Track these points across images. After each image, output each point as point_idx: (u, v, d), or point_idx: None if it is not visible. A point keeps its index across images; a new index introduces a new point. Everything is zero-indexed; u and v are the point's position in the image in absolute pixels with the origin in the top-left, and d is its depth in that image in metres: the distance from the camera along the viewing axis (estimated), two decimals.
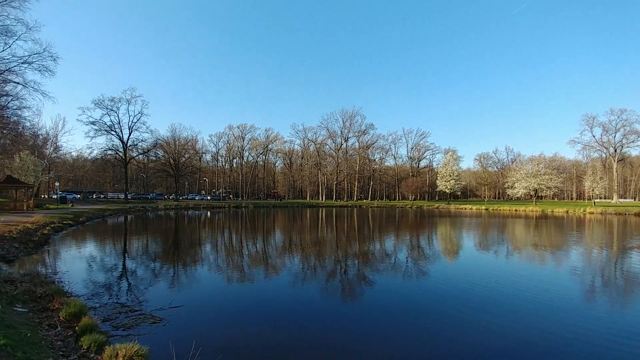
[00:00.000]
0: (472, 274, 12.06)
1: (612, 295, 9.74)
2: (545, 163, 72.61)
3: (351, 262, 14.43)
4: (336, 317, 7.60)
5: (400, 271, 12.68)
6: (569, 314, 7.70)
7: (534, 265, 14.33)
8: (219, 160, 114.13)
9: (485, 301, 8.72)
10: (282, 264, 13.66)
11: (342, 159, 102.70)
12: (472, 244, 21.41)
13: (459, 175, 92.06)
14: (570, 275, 12.08)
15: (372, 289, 10.18)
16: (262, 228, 29.81)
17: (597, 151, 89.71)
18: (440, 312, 7.95)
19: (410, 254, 16.86)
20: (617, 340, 6.28)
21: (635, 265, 13.82)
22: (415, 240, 22.31)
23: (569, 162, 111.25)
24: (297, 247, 18.64)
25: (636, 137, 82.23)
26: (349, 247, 18.77)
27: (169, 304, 7.88)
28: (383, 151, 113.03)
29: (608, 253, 17.10)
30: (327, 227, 31.54)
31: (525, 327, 6.96)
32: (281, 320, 7.27)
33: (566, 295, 9.26)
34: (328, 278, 11.44)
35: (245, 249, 18.16)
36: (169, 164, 76.70)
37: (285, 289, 9.84)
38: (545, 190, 70.44)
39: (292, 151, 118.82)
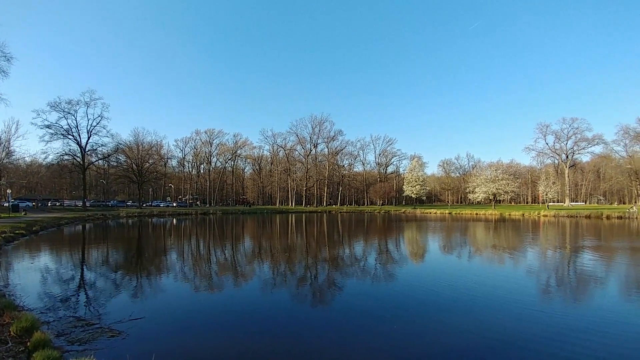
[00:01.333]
0: (437, 276, 12.45)
1: (565, 292, 10.39)
2: (503, 169, 76.66)
3: (321, 267, 14.42)
4: (307, 323, 7.57)
5: (369, 275, 12.83)
6: (528, 310, 8.14)
7: (495, 266, 15.04)
8: (185, 166, 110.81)
9: (450, 302, 9.04)
10: (251, 272, 13.42)
11: (312, 165, 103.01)
12: (438, 247, 22.11)
13: (424, 180, 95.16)
14: (528, 275, 12.81)
15: (342, 293, 10.23)
16: (231, 235, 29.18)
17: (550, 157, 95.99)
18: (408, 313, 8.15)
19: (378, 258, 17.11)
20: (571, 333, 6.75)
21: (587, 264, 14.91)
22: (383, 244, 22.69)
23: (524, 168, 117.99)
24: (267, 254, 18.39)
25: (586, 144, 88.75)
26: (319, 253, 18.76)
27: (129, 316, 7.51)
28: (352, 157, 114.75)
29: (562, 253, 18.24)
30: (297, 233, 31.39)
31: (489, 324, 7.30)
32: (250, 329, 7.12)
33: (524, 293, 9.82)
34: (298, 284, 11.36)
35: (213, 256, 17.66)
36: (131, 169, 73.28)
37: (255, 297, 9.65)
38: (503, 195, 74.33)
39: (262, 157, 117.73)
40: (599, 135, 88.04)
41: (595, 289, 10.57)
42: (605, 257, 16.68)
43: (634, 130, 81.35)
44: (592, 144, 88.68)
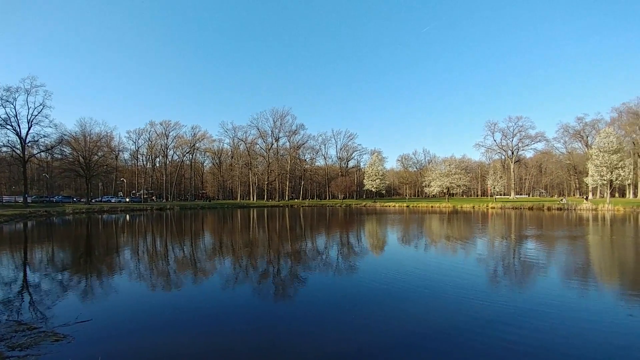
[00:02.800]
0: (395, 266, 12.88)
1: (511, 279, 11.23)
2: (456, 164, 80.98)
3: (284, 261, 14.41)
4: (270, 318, 7.54)
5: (331, 268, 13.02)
6: (476, 296, 8.69)
7: (447, 255, 15.87)
8: (139, 159, 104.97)
9: (407, 291, 9.44)
10: (211, 268, 13.09)
11: (273, 159, 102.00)
12: (396, 239, 22.90)
13: (384, 175, 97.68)
14: (477, 263, 13.70)
15: (305, 286, 10.31)
16: (190, 231, 28.24)
17: (498, 153, 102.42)
18: (366, 303, 8.42)
19: (340, 251, 17.41)
20: (516, 316, 7.32)
21: (529, 252, 16.22)
22: (345, 237, 23.09)
23: (475, 163, 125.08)
24: (228, 250, 18.03)
25: (530, 141, 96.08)
26: (282, 247, 18.72)
27: (75, 319, 7.08)
28: (313, 151, 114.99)
29: (507, 242, 19.63)
30: (259, 227, 31.06)
31: (444, 310, 7.75)
32: (210, 327, 6.98)
33: (475, 280, 10.49)
34: (261, 279, 11.27)
35: (170, 254, 17.01)
36: (78, 162, 67.97)
37: (215, 294, 9.45)
38: (456, 188, 78.52)
39: (222, 150, 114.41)
40: (541, 133, 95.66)
41: (537, 275, 11.51)
42: (546, 245, 18.21)
43: (573, 129, 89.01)
44: (535, 141, 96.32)
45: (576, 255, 15.33)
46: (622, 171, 55.34)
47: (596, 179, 57.71)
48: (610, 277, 11.23)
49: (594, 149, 59.60)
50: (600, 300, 8.55)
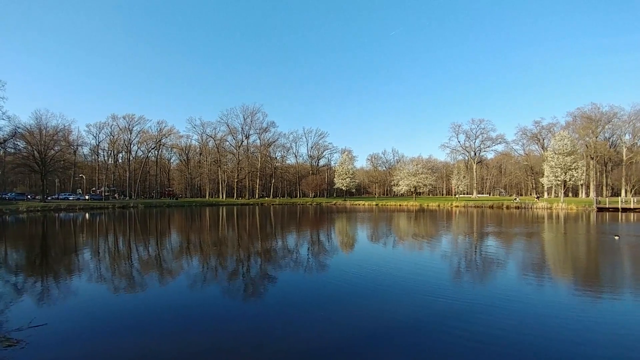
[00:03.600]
0: (364, 264, 13.10)
1: (473, 274, 11.77)
2: (423, 164, 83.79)
3: (254, 260, 14.29)
4: (239, 317, 7.46)
5: (301, 266, 13.06)
6: (440, 291, 9.07)
7: (415, 252, 16.38)
8: (100, 155, 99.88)
9: (376, 288, 9.68)
10: (178, 268, 12.72)
11: (244, 156, 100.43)
12: (365, 236, 23.33)
13: (354, 173, 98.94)
14: (442, 259, 14.24)
15: (275, 284, 10.29)
16: (155, 230, 27.27)
17: (462, 154, 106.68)
18: (337, 301, 8.54)
19: (311, 249, 17.49)
20: (478, 310, 7.70)
21: (490, 248, 17.09)
22: (315, 235, 23.20)
23: (440, 163, 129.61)
24: (196, 249, 17.60)
25: (491, 143, 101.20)
26: (252, 246, 18.53)
27: (29, 323, 6.68)
28: (284, 149, 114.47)
29: (470, 239, 20.53)
30: (228, 226, 30.53)
31: (411, 305, 8.01)
32: (177, 328, 6.79)
33: (439, 276, 10.94)
34: (230, 278, 11.12)
35: (134, 253, 16.35)
36: (32, 157, 63.65)
37: (182, 294, 9.20)
38: (423, 187, 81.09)
39: (189, 147, 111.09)
40: (502, 136, 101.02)
41: (497, 271, 12.15)
42: (505, 242, 19.21)
43: (531, 132, 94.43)
44: (496, 143, 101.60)
45: (532, 252, 16.29)
46: (575, 172, 59.41)
47: (551, 180, 61.63)
48: (563, 272, 12.03)
49: (550, 151, 63.66)
50: (555, 294, 9.18)
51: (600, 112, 79.98)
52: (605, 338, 6.15)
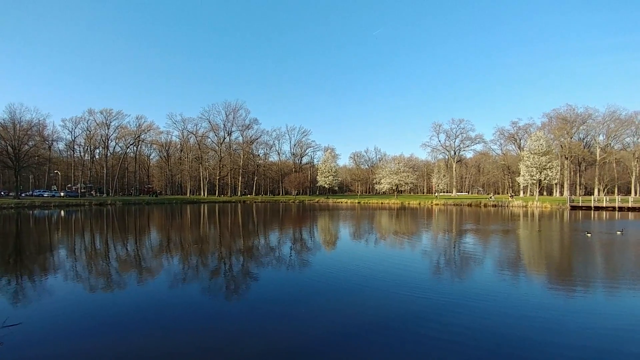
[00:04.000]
0: (346, 261, 13.29)
1: (451, 270, 12.13)
2: (404, 162, 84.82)
3: (235, 258, 14.22)
4: (220, 316, 7.46)
5: (284, 263, 13.09)
6: (419, 288, 9.33)
7: (396, 249, 16.70)
8: (76, 150, 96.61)
9: (358, 285, 9.82)
10: (158, 266, 12.54)
11: (226, 153, 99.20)
12: (348, 234, 23.54)
13: (337, 171, 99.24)
14: (422, 256, 14.61)
15: (257, 283, 10.29)
16: (134, 227, 26.68)
17: (442, 153, 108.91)
18: (318, 298, 8.65)
19: (293, 247, 17.54)
20: (456, 305, 7.97)
21: (468, 245, 17.61)
22: (298, 233, 23.25)
23: (421, 162, 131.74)
24: (176, 247, 17.35)
25: (470, 143, 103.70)
26: (233, 243, 18.41)
27: (2, 323, 6.48)
28: (267, 147, 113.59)
29: (449, 236, 21.04)
30: (210, 223, 30.19)
31: (391, 302, 8.20)
32: (156, 328, 6.72)
33: (420, 272, 11.24)
34: (211, 277, 11.04)
35: (111, 252, 15.96)
36: (6, 152, 60.94)
37: (162, 293, 9.09)
38: (404, 186, 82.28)
39: (170, 143, 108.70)
40: (480, 135, 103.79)
41: (474, 267, 12.53)
42: (482, 239, 19.80)
43: (508, 132, 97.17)
44: (475, 142, 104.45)
45: (508, 249, 16.86)
46: (550, 172, 61.57)
47: (527, 179, 63.67)
48: (537, 268, 12.51)
49: (526, 151, 65.73)
50: (530, 289, 9.57)
51: (576, 114, 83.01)
52: (577, 329, 6.48)
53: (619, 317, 7.07)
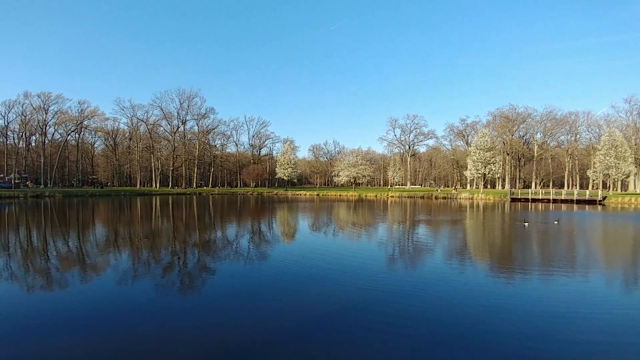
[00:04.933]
0: (303, 253, 13.38)
1: (405, 258, 12.70)
2: (362, 155, 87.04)
3: (191, 252, 13.79)
4: (174, 313, 7.19)
5: (241, 256, 12.94)
6: (375, 275, 9.69)
7: (353, 240, 17.14)
8: (9, 137, 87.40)
9: (315, 276, 9.95)
10: (104, 263, 11.78)
11: (180, 143, 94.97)
12: (307, 226, 23.73)
13: (296, 163, 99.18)
14: (379, 245, 15.17)
15: (214, 276, 10.10)
16: (77, 222, 24.84)
17: (397, 147, 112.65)
18: (275, 290, 8.63)
19: (251, 239, 17.35)
20: (409, 290, 8.36)
21: (420, 234, 18.53)
22: (256, 225, 23.02)
23: (378, 155, 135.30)
24: (124, 242, 16.40)
25: (423, 138, 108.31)
26: (188, 237, 17.82)
27: None
28: (224, 137, 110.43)
29: (404, 226, 21.95)
30: (162, 216, 28.92)
31: (351, 291, 8.41)
32: (104, 328, 6.32)
33: (375, 262, 11.65)
34: (164, 272, 10.60)
35: (52, 248, 14.73)
36: None
37: (109, 292, 8.54)
38: (362, 178, 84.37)
39: (117, 131, 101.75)
40: (432, 131, 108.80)
41: (425, 256, 13.23)
42: (433, 229, 20.91)
43: (457, 128, 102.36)
44: (428, 137, 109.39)
45: (456, 238, 17.99)
46: (493, 166, 66.18)
47: (473, 173, 68.05)
48: (481, 255, 13.48)
49: (473, 146, 70.06)
50: (475, 275, 10.29)
51: (517, 113, 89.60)
52: (519, 314, 7.05)
53: (554, 302, 7.73)
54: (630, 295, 8.78)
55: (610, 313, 7.10)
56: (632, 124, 74.26)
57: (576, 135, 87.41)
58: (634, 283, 9.74)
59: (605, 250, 15.20)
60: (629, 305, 7.85)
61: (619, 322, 6.62)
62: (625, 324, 6.58)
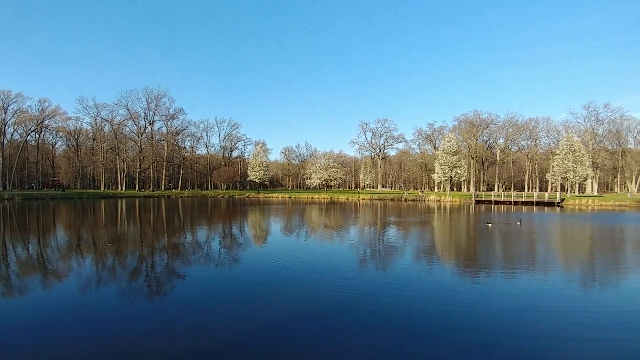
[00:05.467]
0: (275, 256, 13.50)
1: (375, 259, 13.16)
2: (334, 158, 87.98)
3: (159, 257, 13.57)
4: (141, 318, 7.12)
5: (212, 260, 12.92)
6: (345, 275, 10.03)
7: (326, 242, 17.49)
8: None
9: (287, 279, 10.13)
10: (67, 269, 11.36)
11: (147, 144, 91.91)
12: (279, 228, 23.87)
13: (268, 166, 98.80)
14: (349, 247, 15.59)
15: (183, 281, 10.02)
16: (37, 226, 23.66)
17: (369, 150, 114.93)
18: (246, 294, 8.72)
19: (222, 243, 17.30)
20: (379, 289, 8.74)
21: (390, 236, 19.22)
22: (227, 228, 22.88)
23: (350, 158, 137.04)
24: (88, 246, 15.84)
25: (393, 141, 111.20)
26: (156, 241, 17.49)
27: None
28: (194, 139, 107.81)
29: (375, 228, 22.60)
30: (129, 220, 28.07)
31: (323, 292, 8.66)
32: (63, 335, 6.19)
33: (347, 263, 12.03)
34: (131, 278, 10.40)
35: (10, 254, 14.00)
36: None
37: (72, 299, 8.32)
38: (333, 181, 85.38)
39: (80, 131, 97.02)
40: (402, 135, 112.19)
41: (396, 256, 13.84)
42: (402, 230, 21.66)
43: (425, 133, 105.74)
44: (397, 141, 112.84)
45: (424, 239, 18.77)
46: (459, 170, 69.06)
47: (440, 176, 70.85)
48: (448, 255, 14.22)
49: (440, 150, 72.80)
50: (442, 275, 10.90)
51: (481, 118, 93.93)
52: (483, 309, 7.58)
53: (516, 298, 8.34)
54: (586, 291, 9.47)
55: (567, 308, 7.64)
56: (589, 130, 79.71)
57: (536, 141, 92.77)
58: (591, 280, 10.52)
59: (563, 250, 16.33)
60: (585, 300, 8.54)
61: (575, 317, 7.14)
62: (581, 318, 7.10)
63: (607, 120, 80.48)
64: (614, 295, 9.07)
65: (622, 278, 10.74)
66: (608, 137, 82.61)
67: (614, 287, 9.80)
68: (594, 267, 12.48)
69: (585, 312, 7.44)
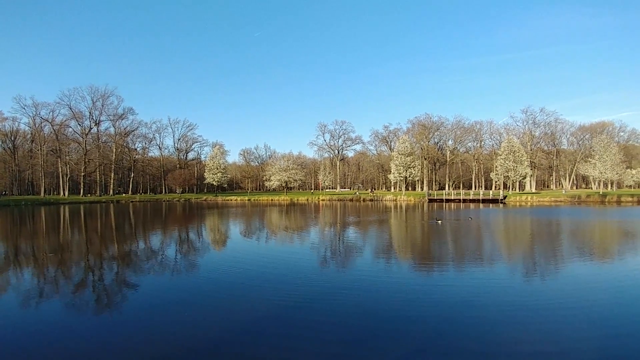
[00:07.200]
0: (234, 261, 13.31)
1: (336, 259, 13.40)
2: (293, 160, 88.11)
3: (108, 266, 12.79)
4: (89, 332, 6.68)
5: (167, 268, 12.40)
6: (308, 276, 10.14)
7: (286, 244, 17.56)
8: None
9: (247, 283, 10.01)
10: (3, 283, 10.36)
11: (93, 146, 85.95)
12: (238, 232, 23.48)
13: (226, 168, 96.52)
14: (310, 248, 15.77)
15: (136, 291, 9.50)
16: None
17: (327, 152, 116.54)
18: (204, 301, 8.50)
19: (179, 249, 16.70)
20: (340, 289, 8.92)
21: (349, 235, 19.79)
22: (184, 234, 22.10)
23: (309, 160, 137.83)
24: (26, 258, 14.51)
25: (351, 143, 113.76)
26: (105, 250, 16.46)
27: None
28: (146, 140, 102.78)
29: (335, 229, 22.98)
30: (73, 228, 26.16)
31: (284, 293, 8.64)
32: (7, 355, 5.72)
33: (310, 261, 12.18)
34: (76, 290, 9.71)
35: None
36: None
37: (10, 315, 7.65)
38: (293, 182, 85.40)
39: (17, 132, 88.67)
40: (359, 137, 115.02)
41: (355, 254, 14.28)
42: (361, 229, 22.26)
43: (381, 135, 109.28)
44: (355, 143, 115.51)
45: (381, 238, 19.44)
46: (413, 170, 72.02)
47: (396, 176, 73.52)
48: (403, 252, 14.86)
49: (395, 152, 75.60)
50: (399, 270, 11.39)
51: (432, 121, 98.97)
52: (436, 301, 8.06)
53: (464, 289, 8.97)
54: (528, 281, 10.24)
55: (512, 298, 8.32)
56: (527, 132, 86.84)
57: (481, 142, 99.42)
58: (533, 270, 11.41)
59: (507, 243, 17.65)
60: (527, 290, 9.28)
61: (518, 305, 7.77)
62: (522, 304, 7.83)
63: (543, 123, 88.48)
64: (554, 283, 10.01)
65: (560, 267, 11.87)
66: (544, 138, 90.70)
67: (552, 276, 10.80)
68: (535, 259, 13.66)
69: (527, 300, 8.17)
